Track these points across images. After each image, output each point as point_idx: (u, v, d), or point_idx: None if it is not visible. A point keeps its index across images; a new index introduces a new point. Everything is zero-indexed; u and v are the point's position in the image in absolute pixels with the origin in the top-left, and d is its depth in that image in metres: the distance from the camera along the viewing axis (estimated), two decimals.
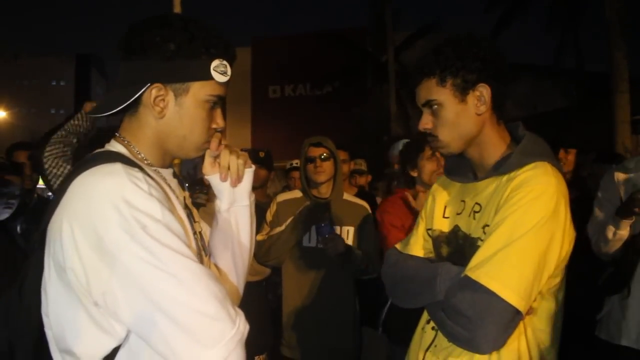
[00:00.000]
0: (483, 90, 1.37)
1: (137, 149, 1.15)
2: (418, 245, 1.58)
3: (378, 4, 16.30)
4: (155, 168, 1.17)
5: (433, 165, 2.58)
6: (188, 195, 1.30)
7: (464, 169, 1.52)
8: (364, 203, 2.95)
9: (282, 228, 2.74)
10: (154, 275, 0.96)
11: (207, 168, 1.27)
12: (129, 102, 1.11)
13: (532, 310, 1.31)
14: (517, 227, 1.25)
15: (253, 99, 18.66)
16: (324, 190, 2.85)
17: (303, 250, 2.78)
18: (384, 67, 15.32)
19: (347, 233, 2.81)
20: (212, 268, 1.28)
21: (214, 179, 1.27)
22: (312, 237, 2.75)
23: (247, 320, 1.04)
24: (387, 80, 14.70)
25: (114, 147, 1.15)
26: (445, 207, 1.55)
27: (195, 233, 1.20)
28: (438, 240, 1.52)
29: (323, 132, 3.14)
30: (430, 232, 1.56)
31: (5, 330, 1.09)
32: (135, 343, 1.02)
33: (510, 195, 1.29)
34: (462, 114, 1.38)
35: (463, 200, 1.48)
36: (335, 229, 2.72)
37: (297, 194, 2.91)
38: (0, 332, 1.09)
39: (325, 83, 17.79)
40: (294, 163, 4.09)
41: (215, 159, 1.26)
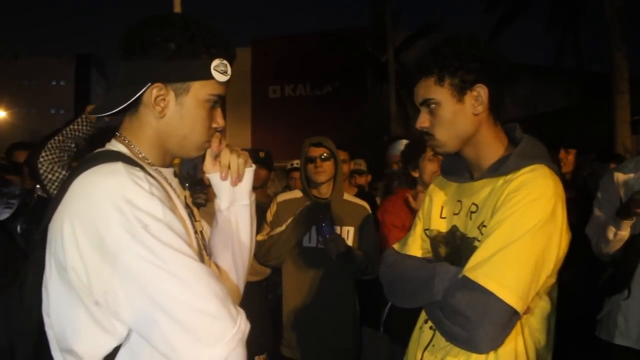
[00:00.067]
0: (481, 91, 1.38)
1: (137, 149, 1.15)
2: (416, 246, 1.59)
3: (378, 4, 16.31)
4: (156, 167, 1.17)
5: (434, 166, 2.57)
6: (189, 195, 1.30)
7: (460, 169, 1.52)
8: (364, 203, 2.94)
9: (282, 228, 2.74)
10: (155, 275, 0.96)
11: (207, 166, 1.27)
12: (130, 101, 1.11)
13: (529, 310, 1.32)
14: (515, 228, 1.26)
15: (253, 99, 18.68)
16: (324, 191, 2.85)
17: (303, 251, 2.78)
18: (384, 67, 15.33)
19: (347, 233, 2.81)
20: (212, 267, 1.28)
21: (215, 178, 1.27)
22: (312, 237, 2.75)
23: (247, 320, 1.04)
24: (387, 80, 14.71)
25: (115, 146, 1.15)
26: (443, 207, 1.55)
27: (197, 232, 1.20)
28: (436, 241, 1.53)
29: (323, 132, 3.14)
30: (428, 232, 1.56)
31: (6, 330, 1.09)
32: (136, 342, 1.02)
33: (509, 197, 1.30)
34: (459, 114, 1.39)
35: (460, 201, 1.49)
36: (336, 229, 2.72)
37: (297, 194, 2.91)
38: (0, 331, 1.09)
39: (325, 83, 17.81)
40: (295, 164, 4.10)
41: (216, 158, 1.26)
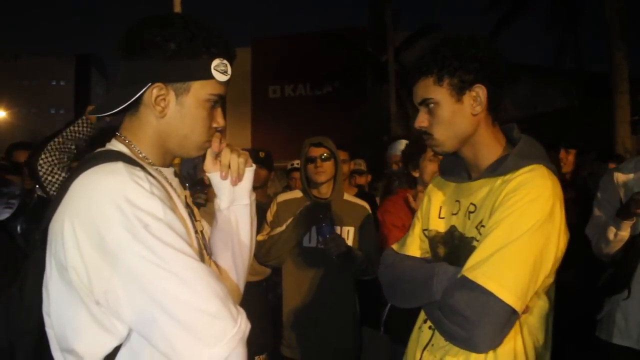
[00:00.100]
0: (479, 91, 1.38)
1: (138, 148, 1.15)
2: (414, 246, 1.59)
3: (378, 4, 16.32)
4: (157, 167, 1.17)
5: (435, 166, 2.56)
6: (189, 194, 1.30)
7: (458, 169, 1.53)
8: (364, 203, 2.94)
9: (282, 228, 2.74)
10: (156, 274, 0.96)
11: (208, 165, 1.27)
12: (130, 101, 1.11)
13: (527, 309, 1.32)
14: (514, 228, 1.26)
15: (253, 99, 18.70)
16: (325, 191, 2.85)
17: (303, 251, 2.78)
18: (384, 67, 15.33)
19: (347, 233, 2.81)
20: (212, 267, 1.28)
21: (215, 177, 1.27)
22: (312, 237, 2.75)
23: (248, 320, 1.04)
24: (387, 81, 14.72)
25: (115, 146, 1.15)
26: (441, 207, 1.56)
27: (197, 232, 1.20)
28: (434, 241, 1.53)
29: (323, 132, 3.14)
30: (427, 232, 1.57)
31: (6, 330, 1.09)
32: (137, 342, 1.02)
33: (507, 197, 1.31)
34: (457, 114, 1.39)
35: (458, 201, 1.49)
36: (336, 229, 2.72)
37: (297, 194, 2.91)
38: (0, 331, 1.09)
39: (325, 83, 17.83)
40: (295, 164, 4.10)
41: (216, 157, 1.26)
